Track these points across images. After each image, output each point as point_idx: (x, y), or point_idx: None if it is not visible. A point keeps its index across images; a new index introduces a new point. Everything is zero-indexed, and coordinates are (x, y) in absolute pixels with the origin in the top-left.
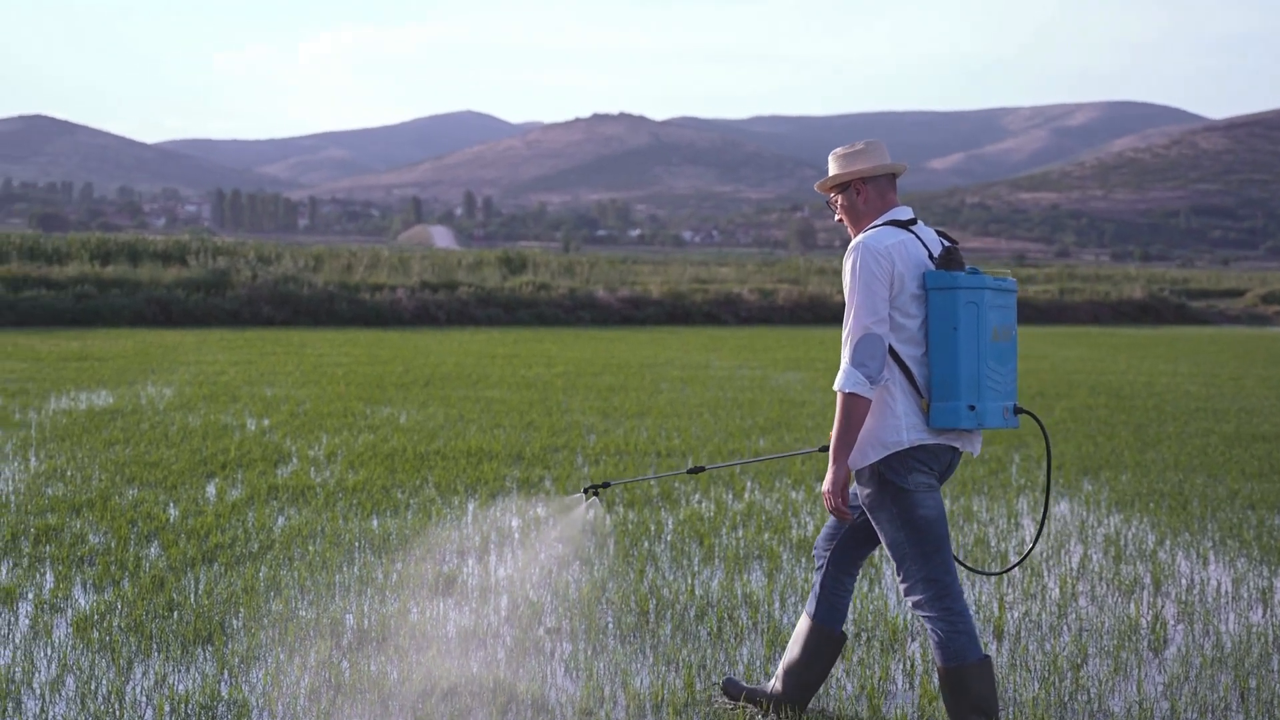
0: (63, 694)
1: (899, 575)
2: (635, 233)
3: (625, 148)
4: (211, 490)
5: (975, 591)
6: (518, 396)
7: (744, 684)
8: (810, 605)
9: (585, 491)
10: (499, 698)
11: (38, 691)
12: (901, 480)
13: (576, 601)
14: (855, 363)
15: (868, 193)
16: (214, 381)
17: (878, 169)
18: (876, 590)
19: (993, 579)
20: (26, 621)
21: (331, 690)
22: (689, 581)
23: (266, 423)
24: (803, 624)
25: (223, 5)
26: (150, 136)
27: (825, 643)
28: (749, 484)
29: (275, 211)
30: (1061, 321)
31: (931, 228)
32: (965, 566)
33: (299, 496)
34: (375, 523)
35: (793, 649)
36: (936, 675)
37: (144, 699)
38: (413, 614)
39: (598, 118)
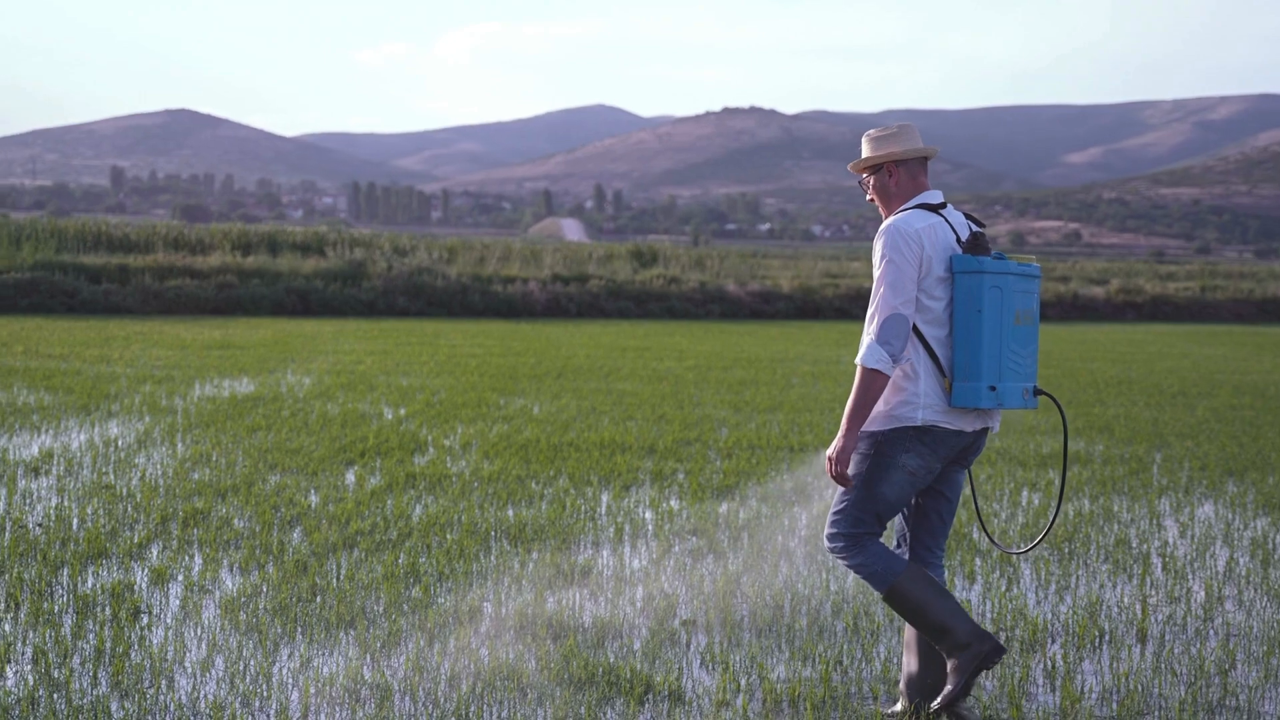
0: (212, 674)
1: (831, 514)
2: (765, 227)
3: (755, 141)
4: (351, 477)
5: (1117, 594)
6: (649, 389)
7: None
8: None
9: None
10: (636, 688)
11: (189, 670)
12: (894, 454)
13: (711, 595)
14: (880, 340)
15: (899, 175)
16: (351, 371)
17: (909, 152)
18: (1015, 590)
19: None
20: (177, 602)
21: (471, 677)
22: (823, 577)
23: (403, 412)
24: (909, 631)
25: (363, 2)
26: (289, 130)
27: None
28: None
29: (409, 204)
30: (1203, 320)
31: (960, 211)
32: (995, 544)
33: (436, 485)
34: (510, 512)
35: (909, 661)
36: (892, 607)
37: (290, 680)
38: (549, 603)
39: (728, 111)
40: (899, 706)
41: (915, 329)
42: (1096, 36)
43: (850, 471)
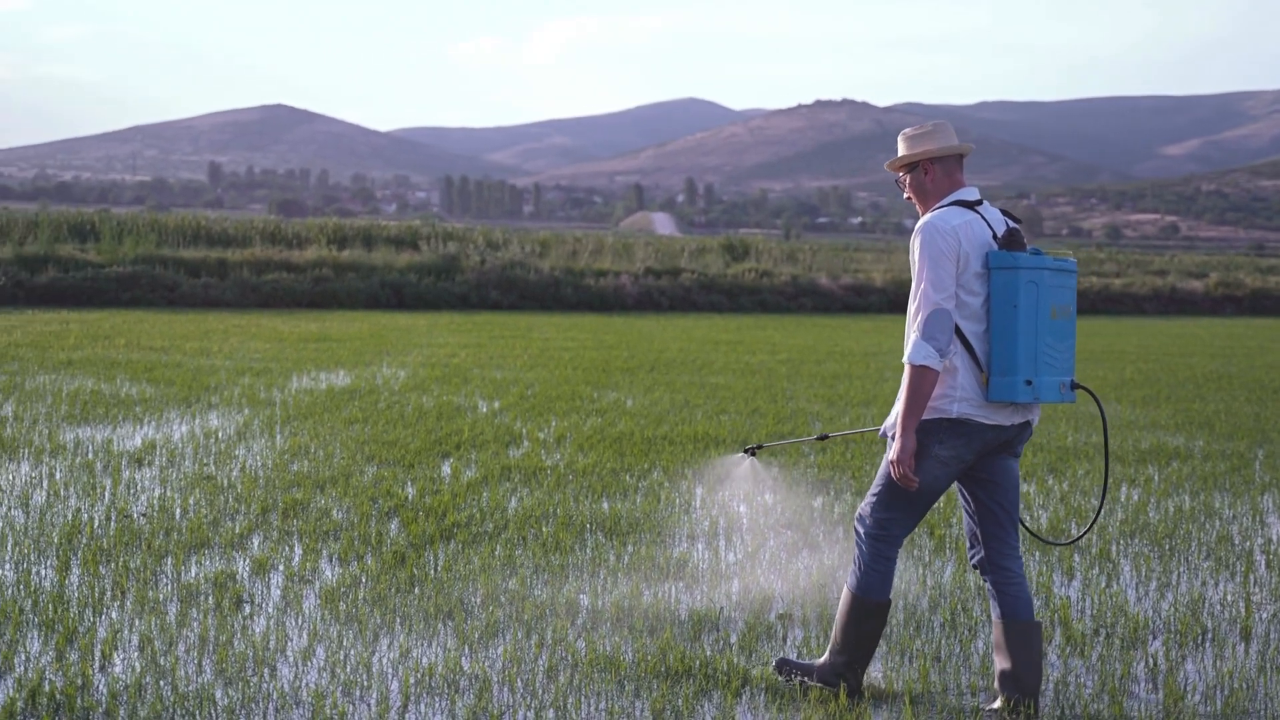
0: (313, 663)
1: (868, 498)
2: (857, 220)
3: (848, 134)
4: (447, 469)
5: (1219, 591)
6: (742, 383)
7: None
8: (994, 608)
9: (745, 451)
10: (733, 682)
11: (291, 659)
12: (929, 445)
13: (808, 588)
14: (925, 336)
15: (935, 172)
16: (446, 364)
17: (944, 149)
18: (1115, 586)
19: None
20: (278, 592)
21: (569, 669)
22: (920, 572)
23: (497, 405)
24: (996, 629)
25: None
26: (383, 125)
27: (1024, 635)
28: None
29: (501, 198)
30: None
31: (996, 207)
32: (1037, 537)
33: (531, 478)
34: (605, 505)
35: (1000, 660)
36: (843, 598)
37: (390, 670)
38: (645, 596)
39: (820, 104)
40: (998, 703)
41: (955, 325)
42: (1195, 26)
43: (885, 462)
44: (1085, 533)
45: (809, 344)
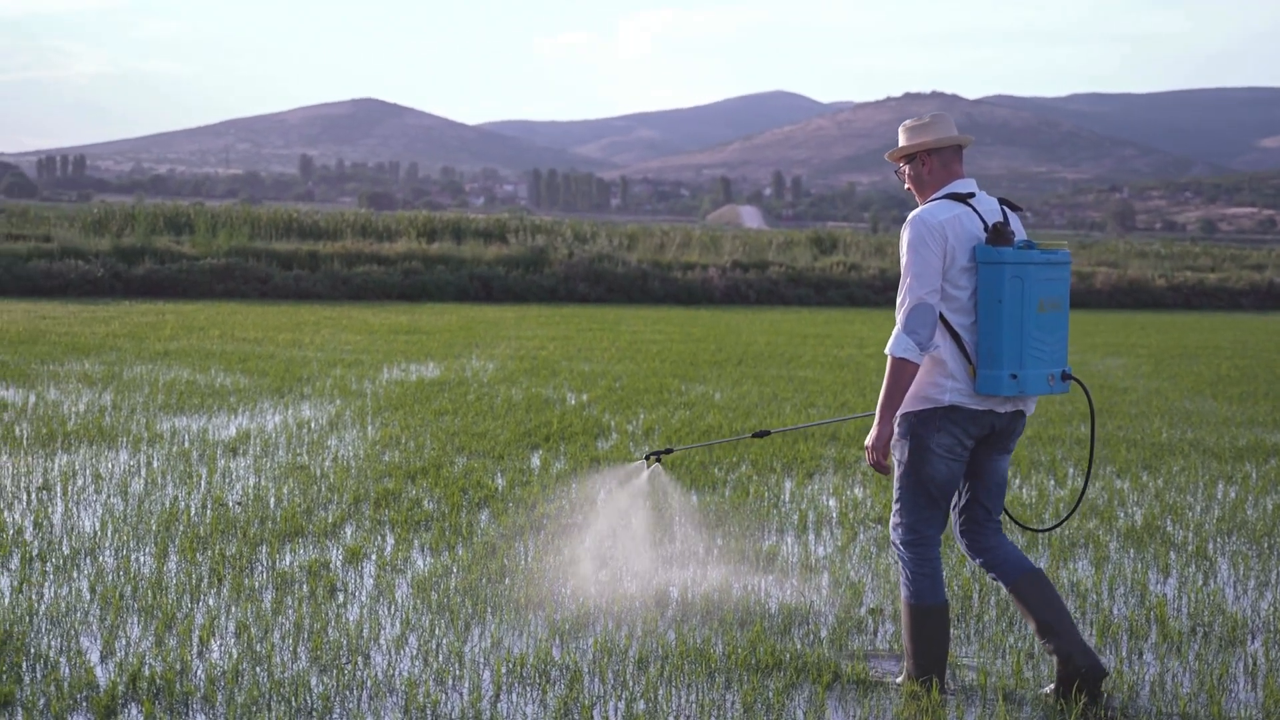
0: (406, 651)
1: (893, 508)
2: None
3: None
4: (536, 461)
5: None
6: (831, 376)
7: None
8: (1001, 584)
9: (646, 458)
10: (824, 676)
11: (384, 647)
12: (927, 437)
13: (897, 583)
14: (907, 330)
15: (932, 164)
16: (534, 356)
17: (941, 141)
18: (1212, 584)
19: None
20: (370, 580)
21: (659, 660)
22: None
23: (585, 397)
24: (1013, 600)
25: None
26: (471, 118)
27: (1030, 586)
28: (1071, 471)
29: (588, 191)
30: None
31: (995, 197)
32: (1016, 523)
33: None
34: (694, 498)
35: (1029, 621)
36: (902, 611)
37: (481, 659)
38: (735, 589)
39: (909, 97)
40: (1056, 665)
41: (942, 316)
42: None
43: (896, 456)
44: (1063, 520)
45: None
